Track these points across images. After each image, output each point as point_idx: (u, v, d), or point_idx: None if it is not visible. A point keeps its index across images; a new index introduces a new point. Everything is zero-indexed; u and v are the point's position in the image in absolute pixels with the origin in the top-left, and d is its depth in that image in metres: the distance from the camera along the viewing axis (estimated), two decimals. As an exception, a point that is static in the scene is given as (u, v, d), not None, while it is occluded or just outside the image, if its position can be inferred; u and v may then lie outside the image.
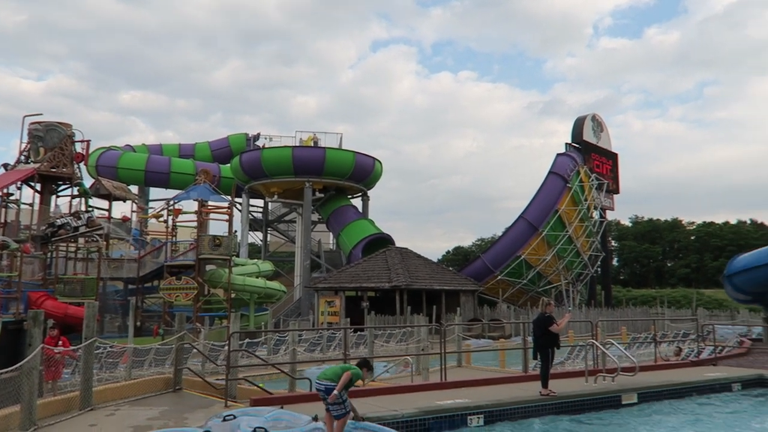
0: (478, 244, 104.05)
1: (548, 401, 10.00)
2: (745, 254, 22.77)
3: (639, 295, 68.21)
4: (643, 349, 20.05)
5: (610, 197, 49.80)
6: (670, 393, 11.64)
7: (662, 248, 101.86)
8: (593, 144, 47.96)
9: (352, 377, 7.21)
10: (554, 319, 10.50)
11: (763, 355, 17.16)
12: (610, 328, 30.73)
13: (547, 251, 40.41)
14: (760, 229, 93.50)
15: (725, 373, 13.47)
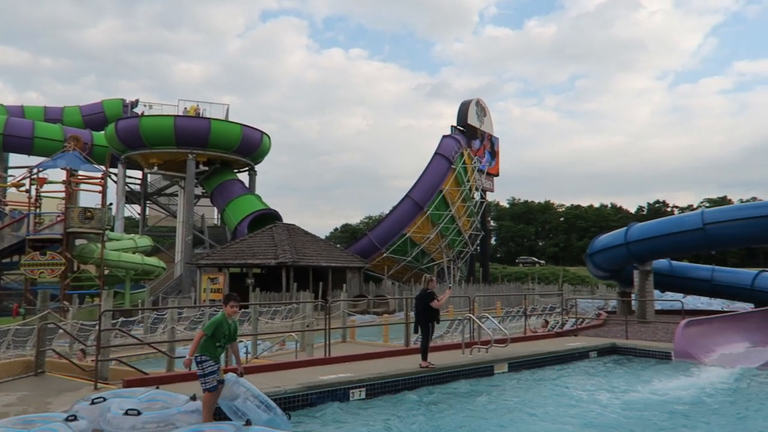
0: (366, 221, 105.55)
1: (427, 373, 10.43)
2: (604, 235, 24.95)
3: (513, 272, 72.84)
4: (515, 322, 21.45)
5: (490, 179, 52.37)
6: (536, 362, 12.59)
7: (535, 228, 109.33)
8: (477, 127, 50.03)
9: (204, 334, 6.55)
10: (435, 295, 10.94)
11: (617, 325, 19.03)
12: (486, 303, 32.63)
13: (431, 230, 41.84)
14: (619, 212, 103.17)
15: (584, 343, 14.80)
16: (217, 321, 6.70)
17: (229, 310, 6.75)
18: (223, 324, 6.71)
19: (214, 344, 6.67)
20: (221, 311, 6.87)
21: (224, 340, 6.77)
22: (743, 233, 19.25)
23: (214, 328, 6.64)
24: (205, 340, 6.60)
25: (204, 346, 6.63)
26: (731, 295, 25.52)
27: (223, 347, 6.86)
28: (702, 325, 14.46)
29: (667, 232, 20.94)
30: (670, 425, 7.87)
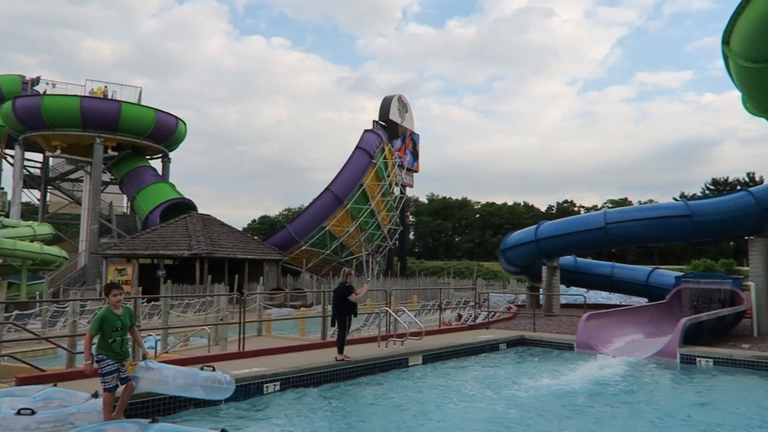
0: (285, 213, 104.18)
1: (343, 366, 10.46)
2: (516, 232, 25.98)
3: (430, 266, 74.42)
4: (430, 315, 21.93)
5: (410, 175, 53.13)
6: (450, 354, 12.96)
7: (452, 224, 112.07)
8: (398, 123, 50.55)
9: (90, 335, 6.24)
10: (353, 288, 10.98)
11: (526, 318, 19.90)
12: (403, 296, 33.13)
13: (350, 223, 41.91)
14: (531, 210, 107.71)
15: (495, 335, 15.37)
16: (100, 317, 6.35)
17: (112, 299, 6.41)
18: (109, 317, 6.35)
19: (107, 341, 6.33)
20: (105, 305, 6.53)
21: (117, 334, 6.36)
22: (640, 233, 20.65)
23: (99, 325, 6.29)
24: (99, 339, 6.30)
25: (99, 345, 6.32)
26: (628, 291, 27.34)
27: (122, 341, 6.42)
28: (601, 319, 15.40)
29: (573, 230, 22.09)
30: (569, 413, 8.33)
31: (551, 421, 7.85)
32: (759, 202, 17.23)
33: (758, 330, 16.11)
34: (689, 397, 9.50)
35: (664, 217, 19.55)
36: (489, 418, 7.91)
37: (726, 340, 14.85)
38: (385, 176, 44.19)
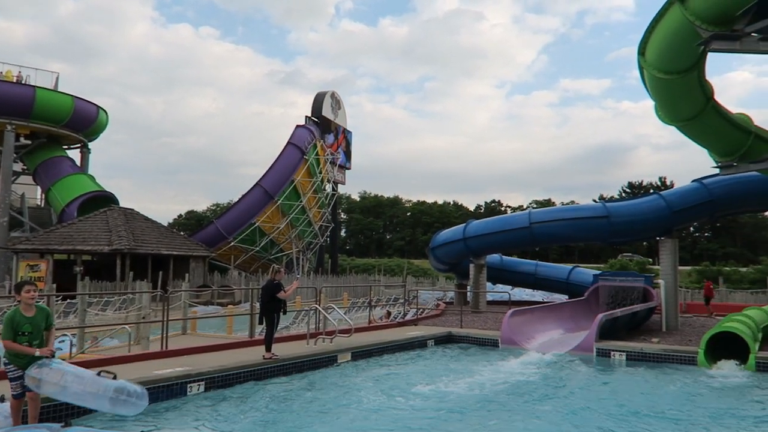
0: (213, 208, 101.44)
1: (270, 364, 10.32)
2: (445, 231, 26.50)
3: (361, 263, 74.54)
4: (360, 313, 21.98)
5: (342, 172, 53.05)
6: (378, 350, 13.05)
7: (384, 222, 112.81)
8: (331, 120, 50.33)
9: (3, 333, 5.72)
10: (282, 286, 10.84)
11: (454, 315, 20.32)
12: (334, 293, 33.03)
13: (281, 220, 41.35)
14: (460, 209, 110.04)
15: (423, 332, 15.62)
16: (8, 319, 5.83)
17: (25, 296, 5.86)
18: (16, 319, 5.81)
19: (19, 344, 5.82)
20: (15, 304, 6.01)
21: (24, 338, 5.81)
22: (562, 232, 21.56)
23: (11, 329, 5.77)
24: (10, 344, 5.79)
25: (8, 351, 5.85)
26: (551, 288, 28.50)
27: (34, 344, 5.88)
28: (525, 315, 15.97)
29: (499, 229, 22.77)
30: (492, 407, 8.59)
31: (474, 415, 8.06)
32: (669, 205, 18.39)
33: (667, 325, 17.19)
34: (603, 389, 10.02)
35: (584, 217, 20.50)
36: (414, 414, 8.03)
37: (638, 335, 15.76)
38: (317, 173, 43.88)
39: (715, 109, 10.58)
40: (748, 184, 17.07)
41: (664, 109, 10.72)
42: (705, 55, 9.35)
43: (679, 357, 12.55)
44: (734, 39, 8.60)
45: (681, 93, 10.01)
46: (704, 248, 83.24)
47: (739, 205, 18.45)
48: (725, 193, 17.72)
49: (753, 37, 8.80)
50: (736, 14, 8.34)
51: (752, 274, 48.51)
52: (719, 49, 8.73)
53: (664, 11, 8.96)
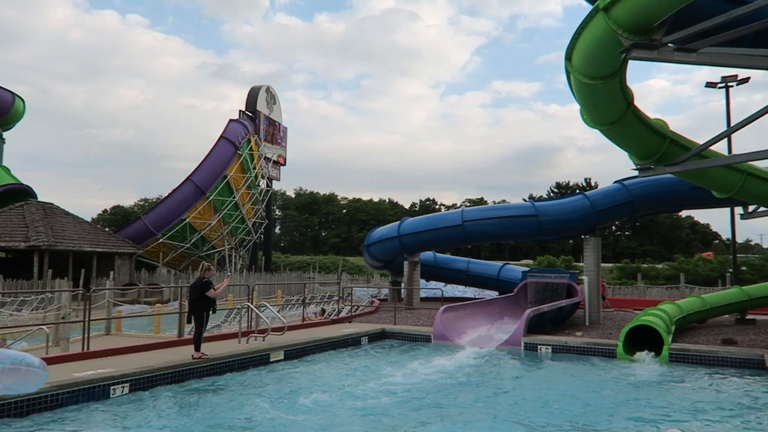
0: (141, 204, 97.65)
1: (199, 364, 10.06)
2: (380, 228, 26.65)
3: (296, 261, 73.84)
4: (294, 310, 21.76)
5: (277, 168, 52.32)
6: (312, 348, 12.97)
7: (319, 219, 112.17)
8: (266, 115, 49.52)
9: None
10: (212, 283, 10.57)
11: (388, 312, 20.48)
12: (267, 291, 32.58)
13: (213, 216, 40.34)
14: (395, 207, 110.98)
15: (357, 329, 15.65)
16: None
17: None
18: None
19: None
20: None
21: None
22: (493, 230, 22.13)
23: None
24: None
25: None
26: (482, 284, 29.21)
27: None
28: (457, 311, 16.31)
29: (433, 227, 23.12)
30: (423, 402, 8.72)
31: (405, 410, 8.16)
32: (593, 205, 19.24)
33: (589, 319, 17.99)
34: (529, 381, 10.39)
35: (514, 216, 21.13)
36: (346, 411, 8.04)
37: (563, 329, 16.42)
38: (251, 168, 43.09)
39: (635, 114, 11.14)
40: (664, 185, 18.12)
41: (589, 112, 11.19)
42: (626, 62, 9.83)
43: (600, 350, 13.17)
44: (652, 48, 9.08)
45: (604, 98, 10.48)
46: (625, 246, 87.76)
47: (656, 205, 19.52)
48: (644, 193, 18.71)
49: (669, 48, 9.33)
50: (654, 25, 8.81)
51: (667, 270, 51.54)
52: (639, 58, 9.18)
53: (590, 19, 9.35)
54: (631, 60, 9.52)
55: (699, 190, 15.87)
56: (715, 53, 9.60)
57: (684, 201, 18.82)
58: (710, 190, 12.83)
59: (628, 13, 8.51)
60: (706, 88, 25.11)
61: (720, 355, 11.97)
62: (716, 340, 13.67)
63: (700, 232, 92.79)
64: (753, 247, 79.73)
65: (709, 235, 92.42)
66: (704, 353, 12.14)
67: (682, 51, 9.31)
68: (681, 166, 11.62)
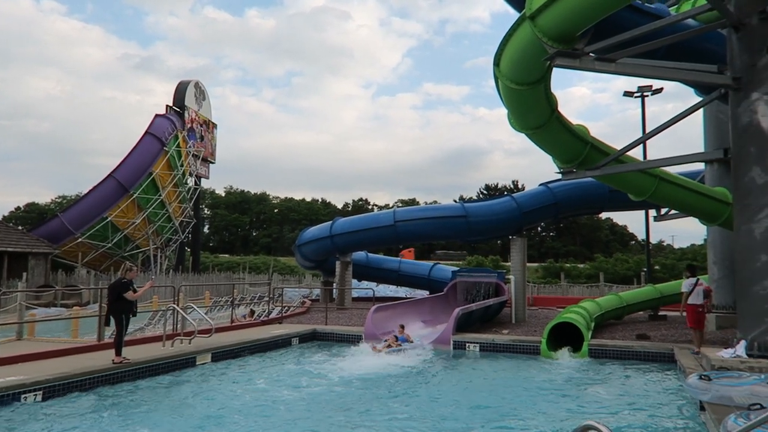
0: (58, 201, 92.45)
1: (121, 368, 9.64)
2: (312, 228, 26.47)
3: (225, 261, 72.09)
4: (223, 312, 21.26)
5: (206, 166, 50.92)
6: (240, 350, 12.71)
7: (250, 218, 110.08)
8: (195, 111, 48.10)
9: None
10: (131, 284, 10.14)
11: (319, 312, 20.37)
12: (195, 292, 31.61)
13: (137, 214, 38.76)
14: (328, 207, 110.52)
15: (287, 330, 15.48)
16: None
17: None
18: None
19: None
20: None
21: None
22: (424, 231, 22.47)
23: None
24: None
25: None
26: (414, 284, 29.55)
27: None
28: (388, 311, 16.43)
29: (365, 227, 23.21)
30: (352, 402, 8.74)
31: (334, 410, 8.14)
32: (519, 207, 19.90)
33: (515, 317, 18.59)
34: (455, 379, 10.62)
35: (445, 216, 21.54)
36: (274, 413, 7.94)
37: (490, 327, 16.88)
38: (179, 165, 41.68)
39: (559, 120, 11.63)
40: (585, 188, 19.00)
41: (516, 117, 11.58)
42: (551, 69, 10.25)
43: (525, 347, 13.62)
44: (575, 57, 9.52)
45: (530, 103, 10.88)
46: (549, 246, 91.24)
47: (578, 207, 20.44)
48: (567, 196, 19.55)
49: (590, 57, 9.81)
50: (577, 35, 9.24)
51: (588, 270, 54.04)
52: (562, 65, 9.61)
53: (517, 26, 9.69)
54: (555, 67, 9.93)
55: (617, 194, 16.73)
56: (630, 64, 10.15)
57: (603, 203, 19.82)
58: (627, 193, 13.55)
59: (553, 22, 8.87)
60: (624, 96, 26.51)
61: (635, 349, 12.67)
62: (631, 336, 14.46)
63: (618, 233, 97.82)
64: (665, 247, 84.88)
65: (626, 236, 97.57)
66: (620, 348, 12.81)
67: (602, 61, 9.80)
68: (600, 171, 12.21)
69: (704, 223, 14.02)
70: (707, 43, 11.96)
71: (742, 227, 9.33)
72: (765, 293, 8.93)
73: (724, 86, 9.83)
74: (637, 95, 25.72)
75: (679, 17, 10.92)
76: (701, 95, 13.59)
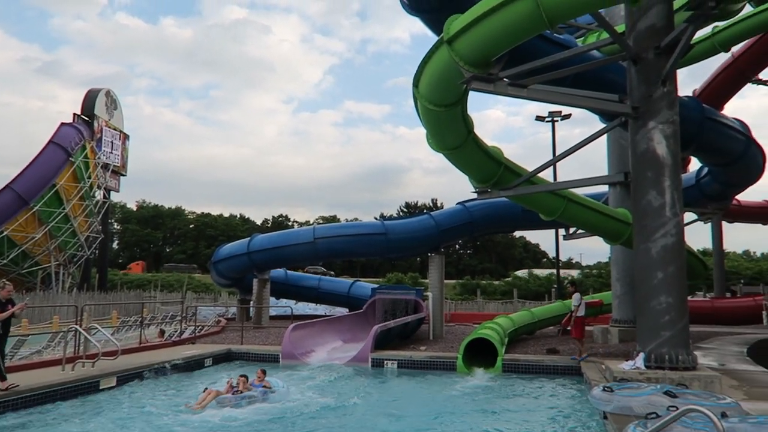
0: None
1: (6, 397, 8.86)
2: (229, 244, 25.74)
3: (136, 278, 68.64)
4: (131, 332, 20.18)
5: (117, 178, 48.54)
6: (149, 372, 12.06)
7: (164, 234, 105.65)
8: (106, 121, 45.84)
9: None
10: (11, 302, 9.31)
11: (235, 331, 19.74)
12: (101, 312, 29.79)
13: (37, 228, 36.21)
14: (247, 222, 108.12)
15: (201, 350, 14.89)
16: None
17: None
18: None
19: None
20: None
21: None
22: (344, 248, 22.42)
23: None
24: None
25: None
26: (334, 302, 29.36)
27: None
28: (306, 329, 16.20)
29: (284, 243, 22.86)
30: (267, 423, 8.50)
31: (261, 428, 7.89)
32: (438, 225, 20.32)
33: (433, 334, 18.85)
34: (372, 397, 10.58)
35: (365, 234, 21.62)
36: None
37: (409, 344, 17.02)
38: (86, 177, 39.44)
39: (475, 141, 12.01)
40: (500, 208, 19.68)
41: (434, 137, 11.85)
42: (467, 92, 10.59)
43: (442, 363, 13.82)
44: (489, 81, 9.90)
45: (447, 124, 11.18)
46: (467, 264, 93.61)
47: (493, 225, 21.14)
48: (482, 215, 20.18)
49: (504, 82, 10.23)
50: (492, 60, 9.62)
51: (503, 286, 55.86)
52: (478, 89, 9.96)
53: (435, 49, 9.95)
54: (471, 90, 10.27)
55: (529, 213, 17.44)
56: (541, 90, 10.68)
57: (517, 222, 20.61)
58: (538, 213, 14.16)
59: (469, 47, 9.19)
60: (536, 120, 27.86)
61: (545, 363, 13.16)
62: (542, 350, 15.02)
63: (532, 251, 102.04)
64: (575, 264, 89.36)
65: (539, 254, 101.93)
66: (532, 363, 13.27)
67: (515, 86, 10.24)
68: (513, 191, 12.70)
69: (608, 242, 14.86)
70: (610, 73, 12.81)
71: (641, 246, 9.97)
72: (661, 308, 9.55)
73: (624, 115, 10.52)
74: (548, 120, 27.10)
75: (585, 48, 11.64)
76: (605, 122, 14.49)
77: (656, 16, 10.06)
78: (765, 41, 22.42)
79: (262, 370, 10.46)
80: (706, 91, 24.94)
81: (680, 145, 10.10)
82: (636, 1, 8.43)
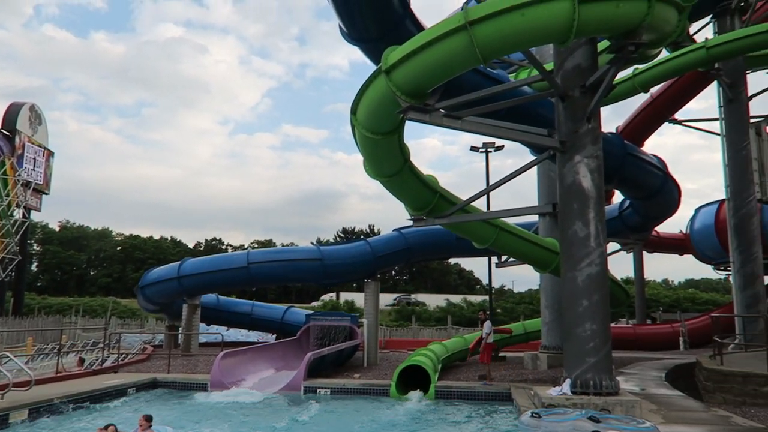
0: None
1: None
2: (157, 268, 24.81)
3: (56, 303, 64.83)
4: (48, 361, 18.98)
5: (38, 197, 46.05)
6: (65, 404, 11.36)
7: (88, 256, 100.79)
8: (29, 136, 43.59)
9: None
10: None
11: (162, 359, 18.94)
12: (15, 339, 27.92)
13: (-54, 249, 33.72)
14: (178, 246, 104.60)
15: (123, 380, 14.19)
16: None
17: None
18: None
19: None
20: None
21: None
22: (279, 273, 22.09)
23: None
24: None
25: None
26: (267, 328, 28.72)
27: None
28: (237, 356, 15.75)
29: (217, 268, 22.26)
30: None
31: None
32: (373, 251, 20.40)
33: (368, 360, 18.74)
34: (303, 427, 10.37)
35: (300, 259, 21.41)
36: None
37: (343, 371, 16.84)
38: (3, 195, 37.23)
39: (411, 170, 12.20)
40: (435, 235, 20.02)
41: (371, 164, 11.96)
42: (404, 122, 10.79)
43: (375, 390, 13.74)
44: (425, 112, 10.13)
45: (384, 152, 11.31)
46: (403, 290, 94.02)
47: (428, 252, 21.44)
48: (418, 242, 20.45)
49: (440, 113, 10.50)
50: (428, 91, 9.87)
51: (437, 313, 56.37)
52: (414, 119, 10.18)
53: (373, 78, 10.11)
54: (407, 120, 10.48)
55: (463, 241, 17.78)
56: (475, 122, 11.02)
57: (451, 249, 21.00)
58: (471, 240, 14.47)
59: (406, 78, 9.40)
60: (470, 150, 28.63)
61: (477, 390, 13.32)
62: (474, 377, 15.20)
63: (466, 277, 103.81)
64: (506, 291, 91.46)
65: (472, 280, 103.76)
66: (464, 389, 13.41)
67: (450, 117, 10.53)
68: (448, 219, 12.94)
69: (537, 270, 15.33)
70: (540, 108, 13.40)
71: (568, 274, 10.35)
72: (586, 335, 9.91)
73: (552, 148, 11.00)
74: (482, 150, 27.88)
75: (517, 84, 12.14)
76: (535, 154, 15.08)
77: (582, 56, 10.65)
78: (680, 84, 24.17)
79: (145, 416, 8.36)
80: (628, 128, 26.50)
81: (604, 179, 10.63)
82: (563, 41, 8.89)
